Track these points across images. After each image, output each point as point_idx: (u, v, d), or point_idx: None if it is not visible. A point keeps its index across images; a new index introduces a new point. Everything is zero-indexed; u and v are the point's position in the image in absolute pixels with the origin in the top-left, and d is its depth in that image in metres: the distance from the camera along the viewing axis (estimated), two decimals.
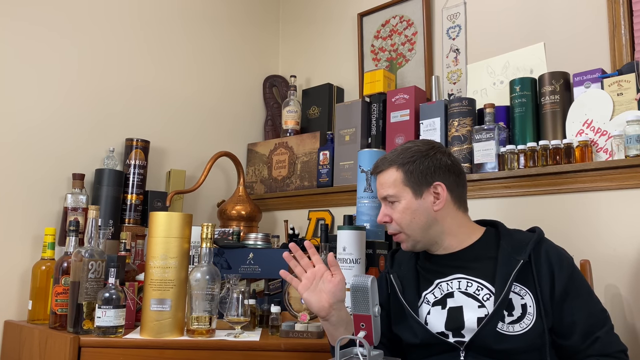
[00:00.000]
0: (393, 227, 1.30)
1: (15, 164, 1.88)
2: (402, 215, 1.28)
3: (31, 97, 1.94)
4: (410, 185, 1.28)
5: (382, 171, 1.32)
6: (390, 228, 1.31)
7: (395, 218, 1.29)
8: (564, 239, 1.62)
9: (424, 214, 1.27)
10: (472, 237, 1.29)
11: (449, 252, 1.29)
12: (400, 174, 1.29)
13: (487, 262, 1.24)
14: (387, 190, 1.30)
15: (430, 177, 1.27)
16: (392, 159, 1.32)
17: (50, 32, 2.00)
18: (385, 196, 1.30)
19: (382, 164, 1.33)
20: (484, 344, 1.17)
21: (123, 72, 2.21)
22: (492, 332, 1.16)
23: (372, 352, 1.04)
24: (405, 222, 1.28)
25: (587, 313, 1.18)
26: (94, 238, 1.53)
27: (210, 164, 2.24)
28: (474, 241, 1.29)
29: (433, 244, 1.30)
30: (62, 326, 1.54)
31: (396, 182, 1.29)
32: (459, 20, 2.14)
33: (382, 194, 1.32)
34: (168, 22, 2.38)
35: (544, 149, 1.67)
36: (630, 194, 1.55)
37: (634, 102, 1.57)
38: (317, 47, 2.68)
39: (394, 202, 1.29)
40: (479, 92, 2.02)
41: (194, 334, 1.45)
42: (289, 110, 2.49)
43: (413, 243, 1.29)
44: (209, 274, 1.47)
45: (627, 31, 1.70)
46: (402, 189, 1.28)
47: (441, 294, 1.26)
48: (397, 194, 1.28)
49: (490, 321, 1.17)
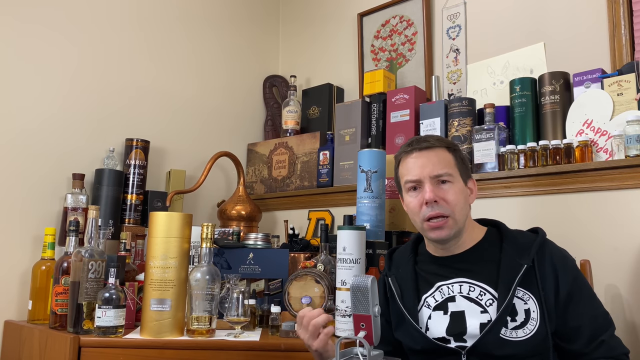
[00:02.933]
0: (443, 209, 1.19)
1: (16, 164, 1.88)
2: (457, 197, 1.20)
3: (31, 97, 1.94)
4: (460, 170, 1.24)
5: (432, 147, 1.23)
6: (438, 209, 1.20)
7: (450, 199, 1.19)
8: (564, 239, 1.62)
9: (467, 204, 1.24)
10: (476, 236, 1.28)
11: (453, 254, 1.27)
12: (452, 157, 1.24)
13: (490, 265, 1.22)
14: (443, 168, 1.20)
15: (469, 169, 1.29)
16: (440, 140, 1.25)
17: (50, 32, 2.00)
18: (440, 174, 1.20)
19: (432, 142, 1.23)
20: (486, 350, 1.16)
21: (123, 72, 2.21)
22: (495, 338, 1.15)
23: (372, 352, 1.04)
24: (459, 205, 1.20)
25: (592, 317, 1.16)
26: (94, 238, 1.52)
27: (210, 164, 2.24)
28: (477, 242, 1.27)
29: (458, 238, 1.24)
30: (62, 326, 1.54)
31: (450, 163, 1.22)
32: (459, 20, 2.14)
33: (434, 172, 1.20)
34: (168, 21, 2.38)
35: (544, 149, 1.67)
36: (630, 194, 1.55)
37: (634, 102, 1.57)
38: (317, 47, 2.68)
39: (445, 183, 1.21)
40: (479, 92, 2.02)
41: (194, 334, 1.45)
42: (289, 110, 2.49)
43: (456, 230, 1.21)
44: (209, 274, 1.47)
45: (627, 31, 1.70)
46: (455, 171, 1.23)
47: (442, 297, 1.25)
48: (453, 174, 1.21)
49: (494, 327, 1.15)
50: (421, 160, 1.22)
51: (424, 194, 1.20)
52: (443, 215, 1.20)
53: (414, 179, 1.23)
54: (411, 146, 1.26)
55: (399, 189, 1.34)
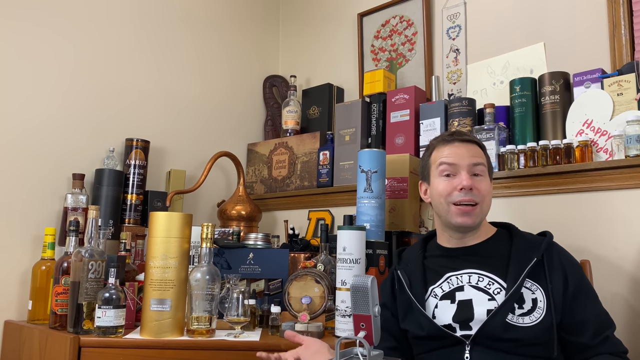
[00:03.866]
0: (476, 197, 1.29)
1: (16, 164, 1.88)
2: (488, 189, 1.32)
3: (31, 97, 1.94)
4: (488, 167, 1.35)
5: (472, 142, 1.35)
6: (471, 196, 1.29)
7: (483, 189, 1.30)
8: (565, 239, 1.62)
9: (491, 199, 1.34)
10: (489, 232, 1.35)
11: (466, 246, 1.32)
12: (484, 155, 1.35)
13: (499, 258, 1.28)
14: (481, 159, 1.32)
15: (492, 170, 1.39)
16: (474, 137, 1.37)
17: (49, 31, 2.00)
18: (479, 163, 1.31)
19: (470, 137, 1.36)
20: (491, 335, 1.18)
21: (123, 72, 2.21)
22: (501, 322, 1.18)
23: (372, 352, 1.04)
24: (488, 197, 1.31)
25: (596, 314, 1.22)
26: (94, 238, 1.52)
27: (210, 164, 2.24)
28: (489, 237, 1.34)
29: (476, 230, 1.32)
30: (62, 326, 1.54)
31: (484, 159, 1.34)
32: (459, 20, 2.14)
33: (472, 161, 1.31)
34: (168, 22, 2.38)
35: (544, 149, 1.67)
36: (630, 194, 1.55)
37: (634, 102, 1.57)
38: (317, 47, 2.68)
39: (478, 175, 1.31)
40: (479, 92, 2.02)
41: (194, 334, 1.45)
42: (289, 110, 2.49)
43: (480, 220, 1.31)
44: (209, 274, 1.47)
45: (627, 31, 1.70)
46: (486, 167, 1.33)
47: (450, 287, 1.28)
48: (486, 170, 1.33)
49: (500, 311, 1.19)
50: (461, 150, 1.32)
51: (461, 180, 1.29)
52: (474, 202, 1.28)
53: (452, 163, 1.31)
54: (452, 136, 1.36)
55: (424, 174, 1.40)
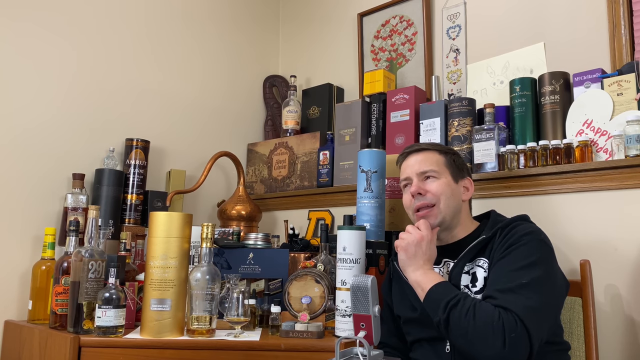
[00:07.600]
0: (429, 199, 1.37)
1: (16, 164, 1.88)
2: (443, 188, 1.38)
3: (31, 97, 1.94)
4: (450, 169, 1.41)
5: (424, 150, 1.43)
6: (424, 200, 1.38)
7: (433, 190, 1.37)
8: (565, 239, 1.63)
9: (457, 198, 1.40)
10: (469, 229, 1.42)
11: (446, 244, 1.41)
12: (443, 158, 1.42)
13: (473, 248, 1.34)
14: (428, 166, 1.40)
15: (464, 171, 1.45)
16: (433, 145, 1.46)
17: (49, 32, 2.00)
18: (426, 171, 1.39)
19: (423, 146, 1.45)
20: None
21: (123, 72, 2.21)
22: None
23: (372, 352, 1.04)
24: (445, 196, 1.37)
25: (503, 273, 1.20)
26: (94, 238, 1.52)
27: (210, 164, 2.24)
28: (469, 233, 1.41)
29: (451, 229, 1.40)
30: (62, 326, 1.54)
31: (439, 162, 1.41)
32: (459, 20, 2.14)
33: (420, 169, 1.40)
34: (169, 22, 2.38)
35: (544, 149, 1.67)
36: (630, 194, 1.55)
37: (634, 102, 1.57)
38: (317, 47, 2.68)
39: (431, 178, 1.39)
40: (479, 92, 2.02)
41: (194, 334, 1.45)
42: (289, 110, 2.49)
43: (442, 218, 1.37)
44: (209, 274, 1.47)
45: (627, 31, 1.70)
46: (443, 169, 1.41)
47: None
48: (439, 171, 1.40)
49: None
50: (411, 161, 1.43)
51: (410, 188, 1.41)
52: (428, 204, 1.38)
53: (406, 177, 1.44)
54: (407, 150, 1.48)
55: None
